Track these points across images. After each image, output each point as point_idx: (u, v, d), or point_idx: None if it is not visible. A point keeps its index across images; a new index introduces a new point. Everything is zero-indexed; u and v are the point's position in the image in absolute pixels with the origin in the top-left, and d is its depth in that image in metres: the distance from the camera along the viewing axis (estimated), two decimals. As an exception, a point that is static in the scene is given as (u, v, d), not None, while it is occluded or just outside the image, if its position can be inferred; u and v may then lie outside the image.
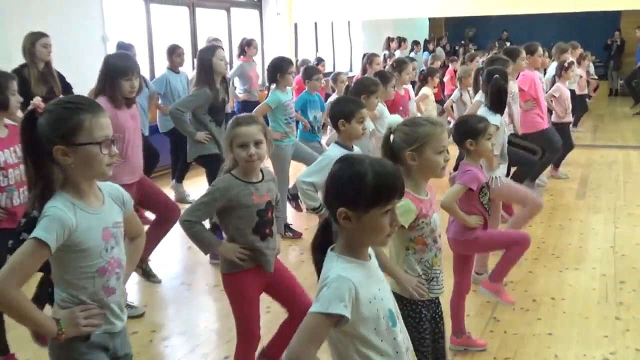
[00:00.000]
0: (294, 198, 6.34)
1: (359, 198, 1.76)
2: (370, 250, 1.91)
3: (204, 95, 5.08)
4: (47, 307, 2.73)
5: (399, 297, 2.66)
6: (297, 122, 6.22)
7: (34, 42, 5.69)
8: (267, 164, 3.33)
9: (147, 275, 4.79)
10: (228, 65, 5.76)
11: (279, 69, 5.77)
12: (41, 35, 5.74)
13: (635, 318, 4.08)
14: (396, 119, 2.75)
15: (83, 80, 6.70)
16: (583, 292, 4.52)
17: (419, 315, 2.64)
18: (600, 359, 3.60)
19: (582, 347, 3.73)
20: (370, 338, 1.80)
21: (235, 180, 2.94)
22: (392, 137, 2.63)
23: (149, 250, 4.56)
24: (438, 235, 2.71)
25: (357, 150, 3.92)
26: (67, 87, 6.09)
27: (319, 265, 1.86)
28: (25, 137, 2.06)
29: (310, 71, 6.63)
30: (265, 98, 5.84)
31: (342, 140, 3.74)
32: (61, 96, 1.92)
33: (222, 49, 5.43)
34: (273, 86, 5.81)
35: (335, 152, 3.59)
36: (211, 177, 5.36)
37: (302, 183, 3.64)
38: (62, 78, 6.03)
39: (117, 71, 4.12)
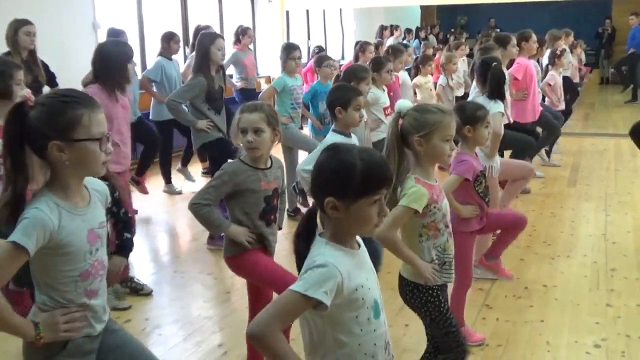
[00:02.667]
0: (300, 193, 6.34)
1: (347, 188, 1.74)
2: (358, 238, 1.90)
3: (198, 84, 5.06)
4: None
5: (415, 285, 2.71)
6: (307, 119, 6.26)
7: (17, 30, 5.52)
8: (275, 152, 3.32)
9: (136, 290, 4.41)
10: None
11: (284, 54, 5.87)
12: (24, 22, 5.58)
13: (626, 305, 4.12)
14: (405, 103, 2.75)
15: (73, 67, 6.65)
16: (574, 280, 4.55)
17: (438, 299, 2.70)
18: (591, 345, 3.62)
19: (573, 334, 3.75)
20: (349, 325, 1.79)
21: (244, 165, 2.97)
22: (400, 120, 2.66)
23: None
24: (449, 220, 2.77)
25: (354, 138, 3.93)
26: (51, 77, 6.00)
27: (300, 254, 1.84)
28: (11, 131, 1.92)
29: (321, 58, 6.55)
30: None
31: (340, 128, 3.78)
32: (57, 88, 1.87)
33: (223, 38, 5.37)
34: (282, 72, 5.90)
35: (333, 139, 3.61)
36: (215, 163, 5.35)
37: (303, 171, 3.72)
38: (46, 67, 5.93)
39: (126, 56, 4.15)
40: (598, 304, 4.15)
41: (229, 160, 3.03)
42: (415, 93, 7.66)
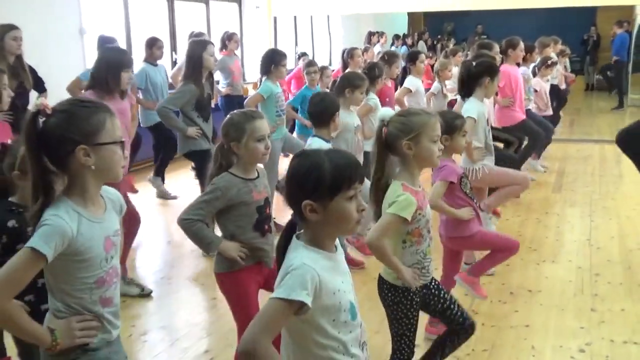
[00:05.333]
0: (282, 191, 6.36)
1: (320, 186, 1.77)
2: (337, 242, 1.92)
3: (189, 91, 5.06)
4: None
5: (391, 286, 2.78)
6: (294, 121, 6.26)
7: (3, 35, 5.48)
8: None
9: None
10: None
11: (272, 61, 5.84)
12: (11, 27, 5.55)
13: (610, 309, 4.16)
14: (387, 111, 2.83)
15: (60, 73, 6.66)
16: (559, 285, 4.59)
17: (411, 302, 2.77)
18: (576, 350, 3.65)
19: (558, 339, 3.78)
20: (328, 329, 1.81)
21: (235, 178, 2.90)
22: (384, 129, 2.69)
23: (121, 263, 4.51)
24: (431, 226, 2.83)
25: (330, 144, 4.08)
26: (38, 82, 5.98)
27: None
28: (32, 142, 1.92)
29: (308, 63, 6.80)
30: (258, 89, 5.94)
31: (320, 134, 4.05)
32: (70, 97, 1.83)
33: (213, 44, 5.38)
34: (264, 78, 5.88)
35: (318, 143, 3.83)
36: (200, 173, 5.36)
37: None
38: (33, 72, 5.90)
39: (120, 64, 4.18)
40: (582, 308, 4.19)
41: (221, 176, 2.91)
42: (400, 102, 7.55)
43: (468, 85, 4.71)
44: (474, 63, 4.74)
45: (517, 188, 4.91)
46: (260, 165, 3.06)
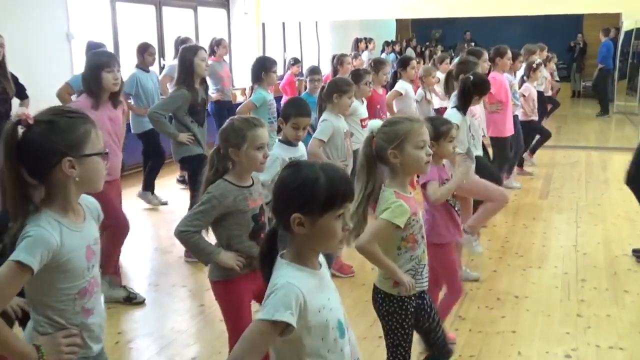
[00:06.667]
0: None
1: (312, 202, 1.74)
2: (321, 258, 1.89)
3: (181, 96, 5.05)
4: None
5: (386, 295, 2.76)
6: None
7: None
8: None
9: (129, 299, 4.44)
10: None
11: (263, 68, 5.85)
12: None
13: (596, 315, 4.18)
14: (376, 122, 2.81)
15: (47, 78, 6.63)
16: (546, 290, 4.61)
17: (406, 311, 2.75)
18: (562, 355, 3.67)
19: (544, 344, 3.80)
20: (317, 348, 1.78)
21: (230, 185, 2.86)
22: (373, 140, 2.70)
23: (113, 266, 4.48)
24: (425, 231, 2.82)
25: (301, 147, 4.10)
26: (20, 89, 5.95)
27: (268, 278, 1.82)
28: (11, 154, 1.85)
29: (312, 71, 6.77)
30: (250, 96, 5.94)
31: (284, 138, 4.03)
32: (54, 106, 1.80)
33: (205, 50, 5.38)
34: (256, 85, 5.88)
35: (278, 151, 3.91)
36: (194, 179, 5.33)
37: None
38: (15, 79, 5.87)
39: (99, 64, 4.14)
40: (569, 314, 4.21)
41: (216, 184, 2.87)
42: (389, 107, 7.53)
43: (466, 100, 4.74)
44: (471, 77, 4.77)
45: (496, 206, 4.84)
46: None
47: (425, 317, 2.83)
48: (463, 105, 4.75)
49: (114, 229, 4.26)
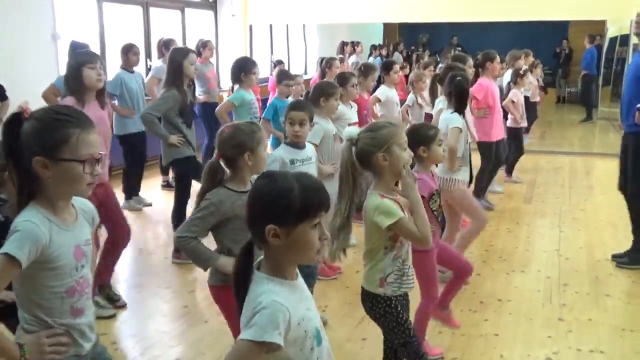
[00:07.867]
0: None
1: (287, 213, 1.71)
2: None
3: (172, 97, 5.06)
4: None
5: (373, 296, 2.81)
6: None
7: None
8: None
9: (112, 300, 4.42)
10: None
11: (243, 69, 5.87)
12: None
13: (577, 319, 4.22)
14: (352, 130, 2.86)
15: (32, 78, 6.59)
16: (528, 294, 4.65)
17: (396, 309, 2.81)
18: (543, 358, 3.71)
19: (526, 348, 3.84)
20: (294, 359, 1.76)
21: (229, 191, 2.86)
22: (353, 148, 2.74)
23: (109, 273, 4.46)
24: None
25: (309, 148, 4.10)
26: None
27: (242, 293, 1.79)
28: (8, 141, 1.93)
29: (280, 76, 6.60)
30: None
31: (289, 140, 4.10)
32: (54, 105, 1.78)
33: (195, 53, 5.38)
34: (236, 86, 5.89)
35: (280, 152, 3.98)
36: (183, 181, 5.32)
37: None
38: None
39: (79, 61, 4.10)
40: (550, 318, 4.25)
41: (215, 190, 2.86)
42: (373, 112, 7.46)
43: (463, 101, 4.76)
44: (459, 78, 4.79)
45: (475, 230, 4.85)
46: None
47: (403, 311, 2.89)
48: (460, 108, 4.77)
49: (116, 237, 4.33)
